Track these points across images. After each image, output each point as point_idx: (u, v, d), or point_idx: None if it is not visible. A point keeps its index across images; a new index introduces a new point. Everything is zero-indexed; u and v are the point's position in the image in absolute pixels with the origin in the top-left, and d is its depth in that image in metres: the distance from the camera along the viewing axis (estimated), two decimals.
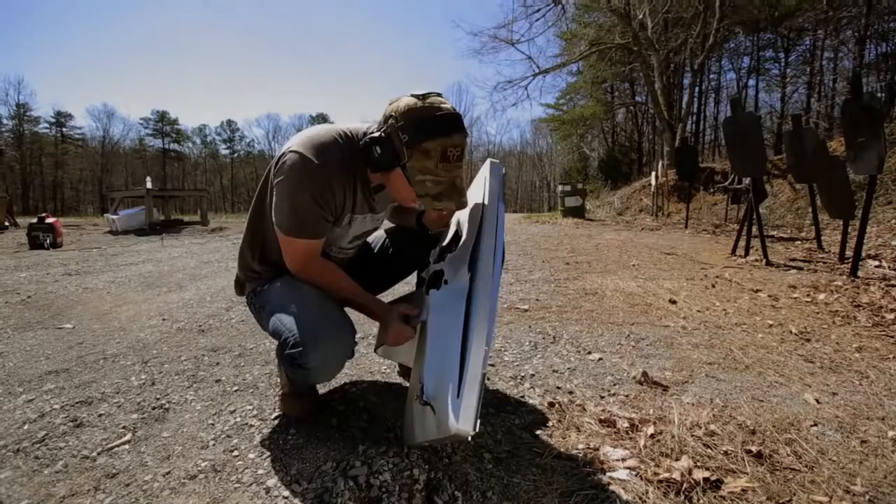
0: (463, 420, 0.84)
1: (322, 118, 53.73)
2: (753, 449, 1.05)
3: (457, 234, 1.13)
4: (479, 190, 1.12)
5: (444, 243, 1.18)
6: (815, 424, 1.19)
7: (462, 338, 0.92)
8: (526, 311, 2.35)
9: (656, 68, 13.47)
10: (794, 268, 3.45)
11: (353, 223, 1.18)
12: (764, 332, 1.99)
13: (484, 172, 1.13)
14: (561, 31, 16.57)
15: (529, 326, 2.08)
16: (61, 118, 43.94)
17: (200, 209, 10.65)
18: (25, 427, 1.27)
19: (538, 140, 47.58)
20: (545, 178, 45.23)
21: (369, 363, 1.67)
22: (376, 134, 0.96)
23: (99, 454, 1.14)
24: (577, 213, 9.63)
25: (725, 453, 1.04)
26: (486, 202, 1.05)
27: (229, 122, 52.47)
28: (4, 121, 40.86)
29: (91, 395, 1.47)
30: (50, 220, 6.34)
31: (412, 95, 0.95)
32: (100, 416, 1.34)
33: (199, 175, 51.31)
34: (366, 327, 2.10)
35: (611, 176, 17.37)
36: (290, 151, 1.01)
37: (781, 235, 5.64)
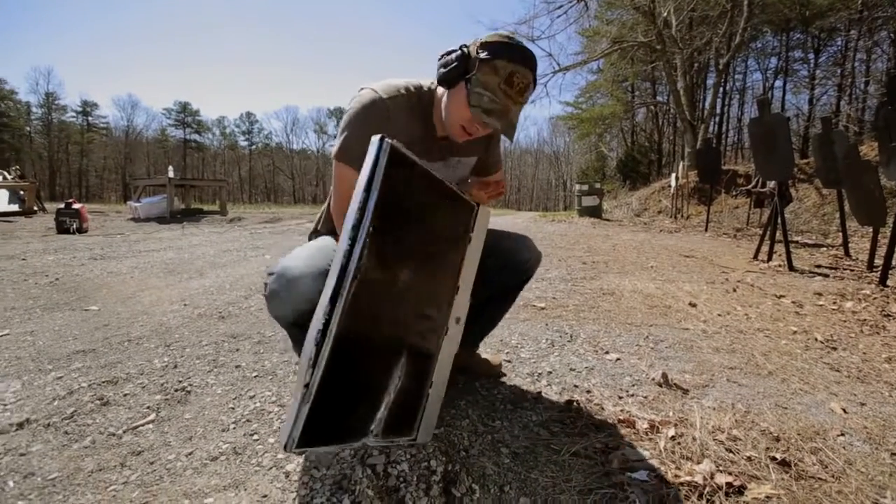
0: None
1: (340, 112, 54.04)
2: (778, 456, 1.03)
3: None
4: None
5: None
6: (842, 434, 1.16)
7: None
8: (543, 308, 2.33)
9: (679, 67, 13.20)
10: (819, 274, 3.36)
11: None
12: (788, 338, 1.94)
13: None
14: (582, 29, 16.32)
15: (546, 324, 2.07)
16: (87, 107, 45.11)
17: (219, 199, 10.83)
18: (55, 403, 1.32)
19: (555, 138, 47.18)
20: (561, 176, 44.84)
21: None
22: (460, 48, 1.01)
23: (124, 432, 1.17)
24: (594, 212, 9.52)
25: (749, 459, 1.02)
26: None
27: (248, 115, 53.23)
28: (34, 109, 42.10)
29: (117, 375, 1.51)
30: (76, 205, 6.52)
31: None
32: (125, 395, 1.37)
33: (218, 166, 52.19)
34: None
35: (629, 176, 17.14)
36: (361, 88, 1.07)
37: (806, 241, 5.50)
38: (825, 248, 4.85)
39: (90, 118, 45.42)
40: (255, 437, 1.14)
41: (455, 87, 1.02)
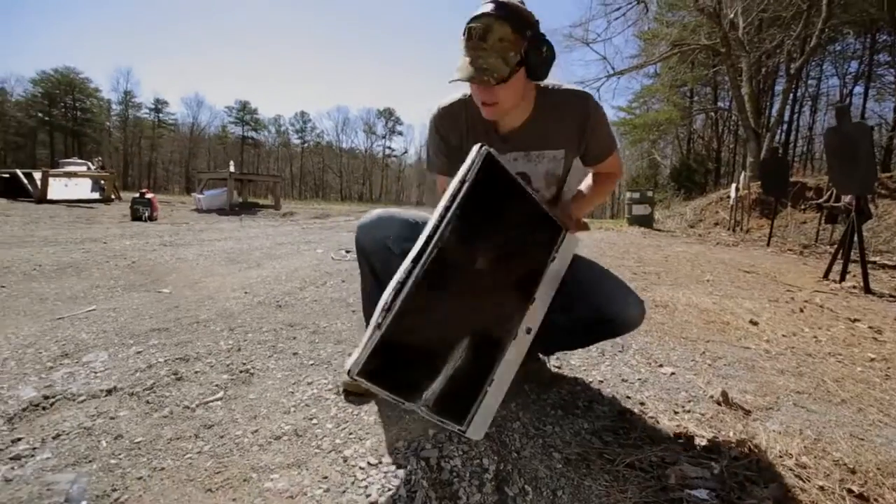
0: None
1: (389, 112, 55.19)
2: (855, 489, 0.96)
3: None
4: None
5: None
6: None
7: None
8: None
9: (745, 72, 12.45)
10: None
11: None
12: (864, 365, 1.80)
13: None
14: (641, 31, 15.77)
15: None
16: (159, 105, 48.83)
17: (274, 194, 11.39)
18: (137, 374, 1.44)
19: None
20: None
21: None
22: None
23: (197, 406, 1.26)
24: (645, 222, 9.18)
25: (821, 489, 0.96)
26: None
27: (302, 114, 55.54)
28: (114, 106, 46.01)
29: (188, 354, 1.63)
30: (149, 195, 7.07)
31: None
32: (195, 372, 1.48)
33: (272, 162, 54.78)
34: None
35: (683, 185, 16.38)
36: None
37: (886, 262, 5.03)
38: None
39: (161, 115, 49.17)
40: (314, 421, 1.20)
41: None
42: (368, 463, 1.01)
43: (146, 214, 6.81)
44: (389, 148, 56.23)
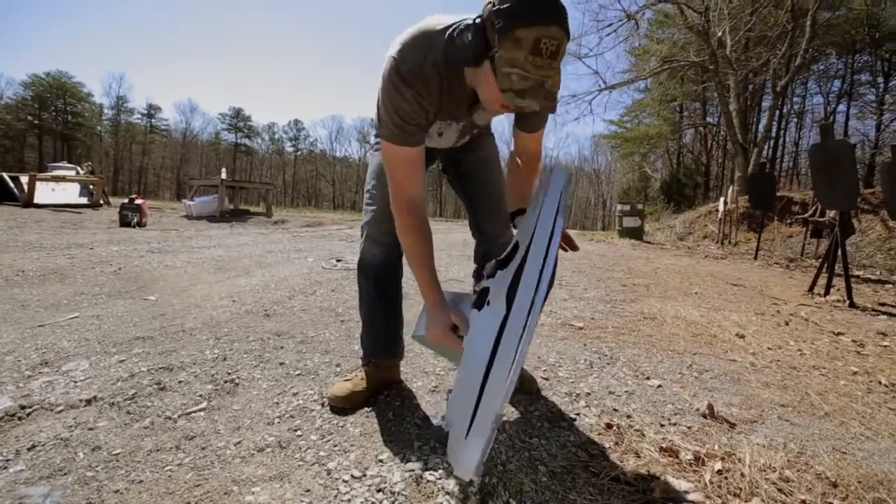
0: (463, 465, 0.82)
1: None
2: (836, 503, 0.97)
3: (515, 247, 1.00)
4: (535, 201, 1.01)
5: (502, 254, 1.04)
6: None
7: (485, 373, 0.86)
8: (581, 328, 2.30)
9: (733, 89, 12.72)
10: (884, 313, 3.13)
11: (443, 132, 1.18)
12: (847, 378, 1.82)
13: (543, 183, 1.02)
14: (632, 47, 16.09)
15: (584, 345, 2.04)
16: (152, 110, 48.56)
17: (265, 201, 11.33)
18: (118, 384, 1.42)
19: (597, 156, 46.42)
20: (601, 195, 43.95)
21: (424, 363, 1.71)
22: (470, 20, 0.90)
23: (179, 417, 1.24)
24: (635, 234, 9.28)
25: (803, 502, 0.97)
26: (539, 215, 0.95)
27: (296, 122, 55.63)
28: (105, 111, 45.70)
29: (172, 363, 1.60)
30: (138, 201, 7.00)
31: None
32: (179, 382, 1.46)
33: (265, 170, 54.60)
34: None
35: (673, 198, 16.61)
36: (388, 56, 1.00)
37: (869, 276, 5.13)
38: (891, 285, 4.51)
39: (153, 120, 48.88)
40: (299, 432, 1.18)
41: (480, 65, 0.90)
42: (352, 476, 1.00)
43: (135, 220, 6.73)
44: None
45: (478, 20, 0.88)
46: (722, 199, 9.28)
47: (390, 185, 1.10)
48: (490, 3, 0.85)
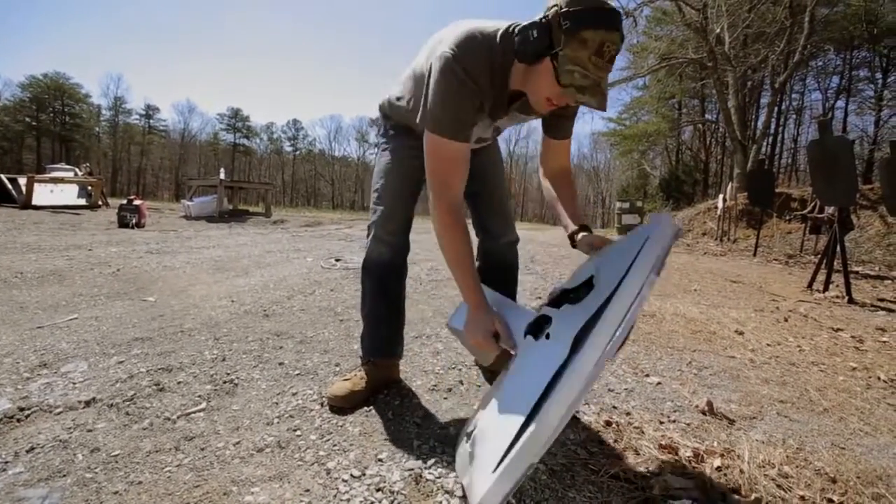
0: (483, 499, 0.77)
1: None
2: (835, 499, 0.97)
3: (589, 283, 0.95)
4: (631, 243, 0.91)
5: (570, 285, 0.99)
6: None
7: (530, 413, 0.79)
8: None
9: (731, 85, 12.71)
10: (883, 309, 3.13)
11: (477, 130, 1.18)
12: (846, 374, 1.82)
13: (647, 228, 0.93)
14: (630, 45, 16.07)
15: None
16: (150, 111, 48.51)
17: (264, 201, 11.32)
18: (117, 385, 1.42)
19: (596, 154, 46.43)
20: (600, 193, 43.97)
21: (423, 362, 1.71)
22: (538, 18, 0.95)
23: (178, 418, 1.24)
24: None
25: (802, 498, 0.97)
26: (634, 263, 0.86)
27: (295, 122, 55.65)
28: (103, 112, 45.62)
29: (171, 364, 1.60)
30: (137, 202, 6.99)
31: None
32: (178, 383, 1.46)
33: (264, 170, 54.59)
34: (419, 327, 2.14)
35: (672, 196, 16.61)
36: (443, 53, 1.01)
37: (868, 272, 5.13)
38: (890, 281, 4.51)
39: (151, 121, 48.82)
40: (298, 432, 1.18)
41: (541, 62, 0.96)
42: (351, 475, 1.00)
43: (133, 221, 6.73)
44: None
45: (542, 20, 0.94)
46: (721, 196, 9.28)
47: (433, 184, 1.08)
48: (556, 5, 0.91)
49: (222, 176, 9.79)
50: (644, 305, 0.82)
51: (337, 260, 4.11)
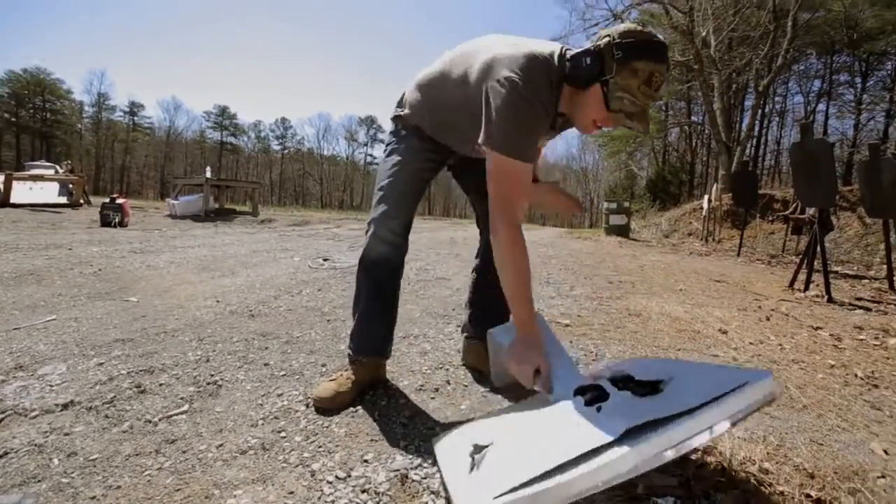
0: None
1: (371, 120, 55.17)
2: (813, 494, 0.99)
3: (656, 385, 0.94)
4: (722, 381, 0.85)
5: (638, 375, 0.99)
6: (883, 476, 1.11)
7: (556, 467, 0.77)
8: (567, 325, 2.31)
9: (717, 88, 12.93)
10: (860, 308, 3.21)
11: None
12: (825, 372, 1.86)
13: (752, 375, 0.87)
14: None
15: (570, 342, 2.05)
16: (134, 108, 47.66)
17: (252, 200, 11.19)
18: (97, 388, 1.39)
19: (584, 154, 46.83)
20: (588, 193, 44.35)
21: (410, 362, 1.70)
22: (590, 47, 1.02)
23: (160, 420, 1.22)
24: (622, 231, 9.38)
25: (781, 494, 0.99)
26: (722, 401, 0.80)
27: (283, 120, 55.13)
28: (86, 108, 44.68)
29: (153, 365, 1.57)
30: (120, 200, 6.85)
31: (631, 22, 1.06)
32: (160, 385, 1.43)
33: (251, 168, 54.01)
34: (406, 327, 2.14)
35: (659, 196, 16.82)
36: (510, 78, 1.04)
37: (847, 272, 5.26)
38: (867, 281, 4.63)
39: (136, 118, 47.95)
40: (283, 434, 1.17)
41: (591, 87, 1.03)
42: (336, 477, 0.99)
43: (116, 220, 6.59)
44: (371, 155, 56.08)
45: (593, 48, 1.01)
46: (706, 197, 9.43)
47: (499, 204, 1.10)
48: (609, 36, 0.99)
49: (208, 174, 9.64)
50: (701, 441, 0.78)
51: (325, 260, 4.08)
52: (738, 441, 1.23)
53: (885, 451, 1.23)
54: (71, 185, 9.80)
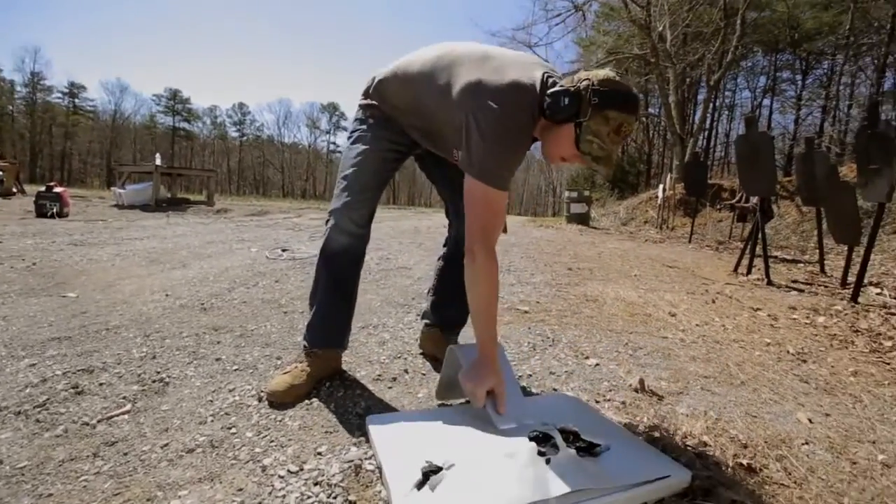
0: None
1: (333, 107, 53.68)
2: (744, 462, 1.06)
3: (594, 447, 0.98)
4: (650, 469, 0.95)
5: (586, 435, 1.02)
6: (807, 443, 1.20)
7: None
8: (526, 312, 2.36)
9: (672, 81, 13.41)
10: (795, 289, 3.46)
11: None
12: (761, 349, 2.00)
13: (672, 469, 0.97)
14: (579, 38, 16.51)
15: (529, 328, 2.09)
16: (74, 89, 44.14)
17: (207, 189, 10.68)
18: (27, 391, 1.29)
19: None
20: (551, 182, 45.17)
21: (368, 352, 1.69)
22: (570, 87, 1.04)
23: (98, 422, 1.15)
24: (582, 220, 9.64)
25: (716, 464, 1.05)
26: (645, 492, 0.90)
27: (241, 105, 52.66)
28: (18, 88, 40.98)
29: (93, 364, 1.48)
30: (58, 189, 6.37)
31: (611, 70, 1.09)
32: (100, 384, 1.35)
33: (207, 155, 51.49)
34: (366, 317, 2.12)
35: (618, 185, 17.36)
36: (490, 109, 1.06)
37: (785, 257, 5.64)
38: (802, 264, 4.99)
39: (77, 100, 44.44)
40: (233, 430, 1.13)
41: (564, 126, 1.06)
42: (288, 471, 0.97)
43: (54, 210, 6.13)
44: (334, 143, 54.68)
45: (572, 89, 1.03)
46: (661, 187, 9.83)
47: (475, 229, 1.11)
48: (588, 80, 1.03)
49: (158, 162, 9.10)
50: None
51: (283, 250, 3.96)
52: (682, 417, 1.30)
53: (810, 420, 1.34)
54: (2, 173, 9.01)
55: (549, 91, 1.07)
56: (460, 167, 1.13)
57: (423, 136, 1.33)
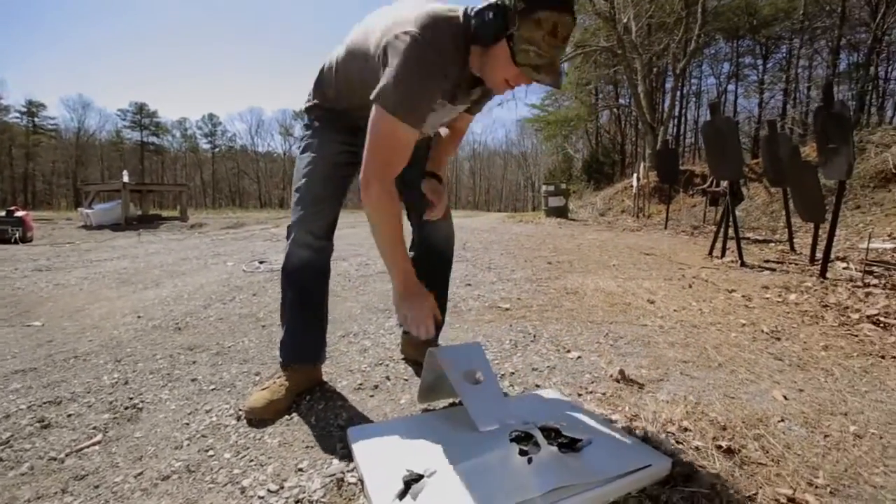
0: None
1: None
2: (723, 444, 1.08)
3: (575, 443, 0.98)
4: (630, 461, 0.95)
5: (568, 430, 1.02)
6: (783, 420, 1.23)
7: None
8: (507, 309, 2.37)
9: (639, 72, 13.67)
10: (767, 269, 3.56)
11: (434, 115, 1.16)
12: (737, 331, 2.05)
13: (655, 460, 0.97)
14: None
15: (510, 325, 2.10)
16: (33, 108, 42.44)
17: (180, 204, 10.42)
18: None
19: (523, 140, 47.92)
20: (530, 177, 45.56)
21: (349, 361, 1.66)
22: (494, 1, 0.98)
23: (67, 456, 1.11)
24: (561, 213, 9.74)
25: (696, 449, 1.07)
26: (627, 483, 0.91)
27: (211, 116, 51.45)
28: None
29: (60, 395, 1.42)
30: (19, 213, 6.12)
31: None
32: (69, 416, 1.30)
33: (179, 169, 50.24)
34: (346, 325, 2.09)
35: (594, 177, 17.62)
36: (410, 33, 0.98)
37: (756, 237, 5.81)
38: (773, 244, 5.14)
39: (36, 119, 42.74)
40: (211, 452, 1.10)
41: (496, 44, 1.00)
42: (269, 490, 0.95)
43: (17, 235, 5.89)
44: None
45: (497, 3, 0.97)
46: (635, 176, 10.00)
47: (373, 163, 1.05)
48: None
49: (126, 178, 8.83)
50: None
51: (261, 262, 3.89)
52: (662, 404, 1.32)
53: (784, 397, 1.38)
54: None
55: (472, 12, 1.02)
56: (370, 100, 1.03)
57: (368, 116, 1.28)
